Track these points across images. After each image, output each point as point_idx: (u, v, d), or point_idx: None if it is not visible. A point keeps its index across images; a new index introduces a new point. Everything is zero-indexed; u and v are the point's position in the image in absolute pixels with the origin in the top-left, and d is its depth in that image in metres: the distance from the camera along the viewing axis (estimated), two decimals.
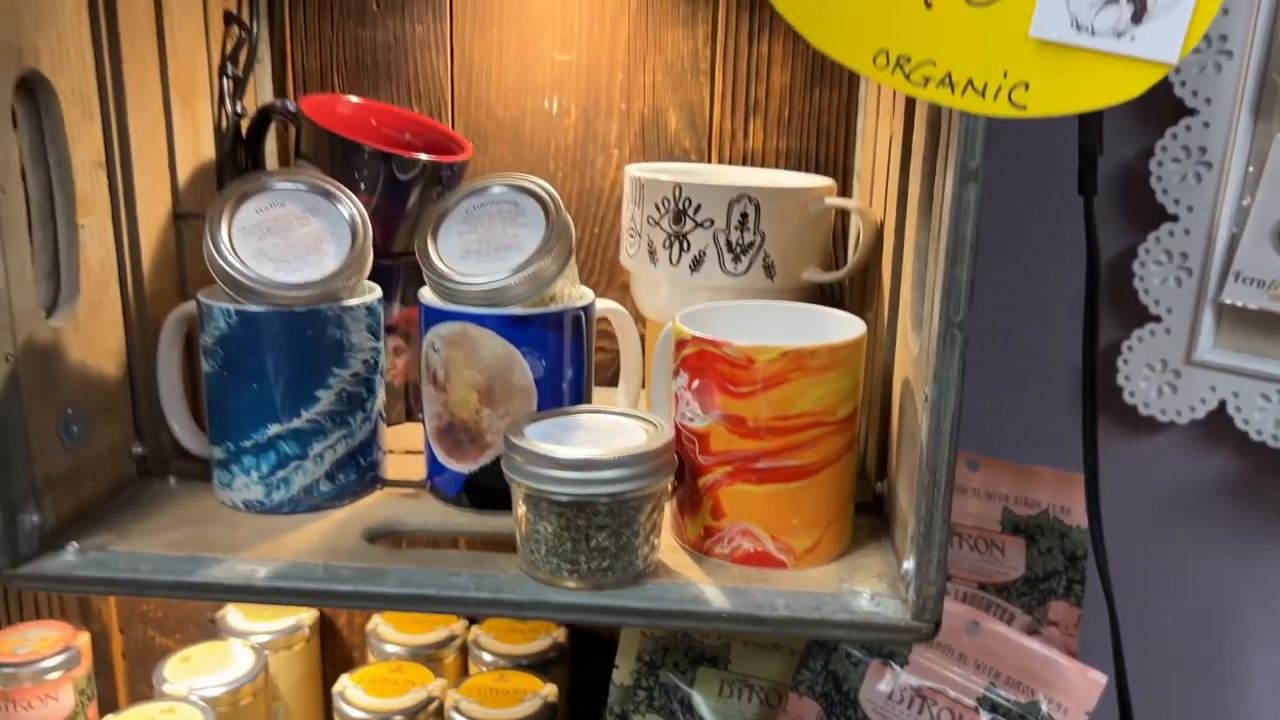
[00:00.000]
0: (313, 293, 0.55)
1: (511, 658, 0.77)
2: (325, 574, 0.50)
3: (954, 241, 0.41)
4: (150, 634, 0.89)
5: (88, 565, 0.51)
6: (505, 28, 0.74)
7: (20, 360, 0.49)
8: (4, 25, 0.47)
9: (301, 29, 0.75)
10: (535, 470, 0.48)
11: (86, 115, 0.54)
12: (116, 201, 0.57)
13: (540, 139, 0.76)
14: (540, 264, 0.55)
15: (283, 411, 0.55)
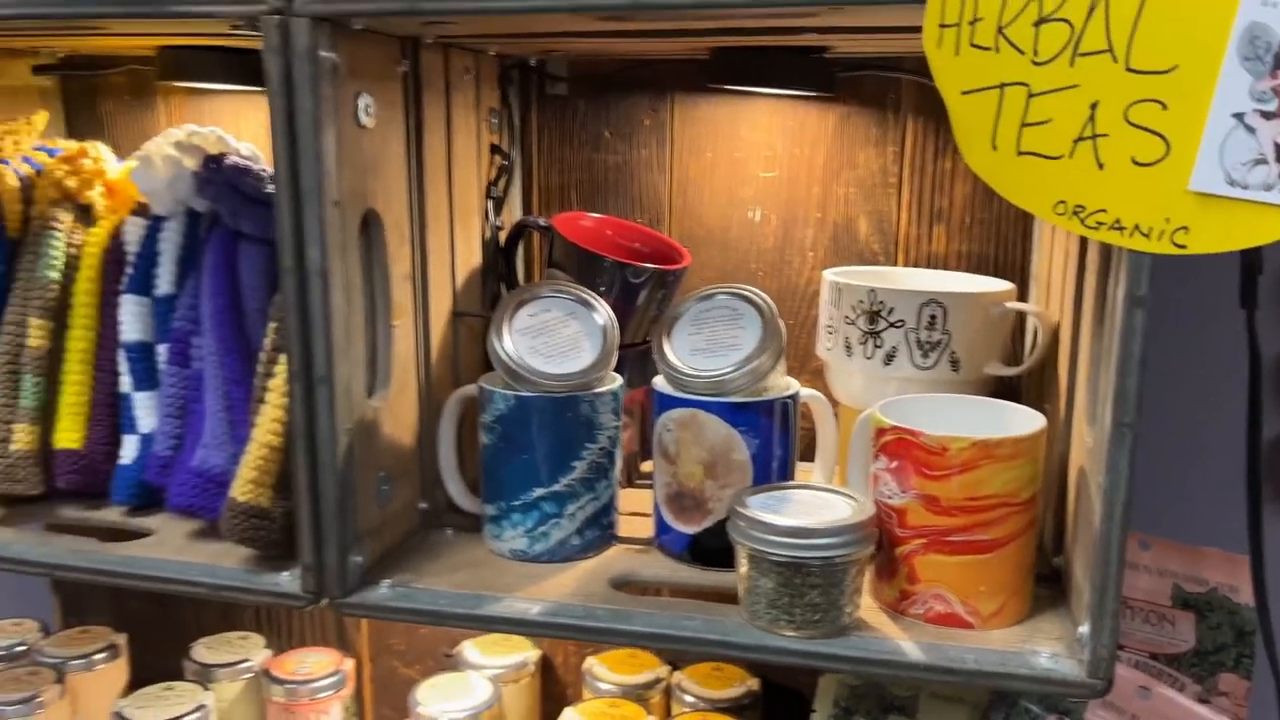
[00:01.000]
0: (573, 382, 0.67)
1: (711, 701, 0.87)
2: (584, 613, 0.61)
3: (1123, 358, 0.50)
4: (394, 664, 1.03)
5: (398, 598, 0.64)
6: (718, 151, 0.86)
7: (354, 434, 0.63)
8: (356, 178, 0.62)
9: (546, 154, 0.89)
10: (758, 535, 0.58)
11: (401, 239, 0.69)
12: (418, 305, 0.71)
13: (744, 244, 0.87)
14: (758, 361, 0.65)
15: (546, 477, 0.67)
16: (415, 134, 0.70)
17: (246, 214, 0.71)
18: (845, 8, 0.53)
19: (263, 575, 0.66)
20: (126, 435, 0.76)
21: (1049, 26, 0.48)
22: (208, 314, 0.72)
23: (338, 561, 0.63)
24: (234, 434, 0.71)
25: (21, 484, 0.74)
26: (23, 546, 0.70)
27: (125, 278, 0.76)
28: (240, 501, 0.65)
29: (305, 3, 0.56)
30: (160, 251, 0.76)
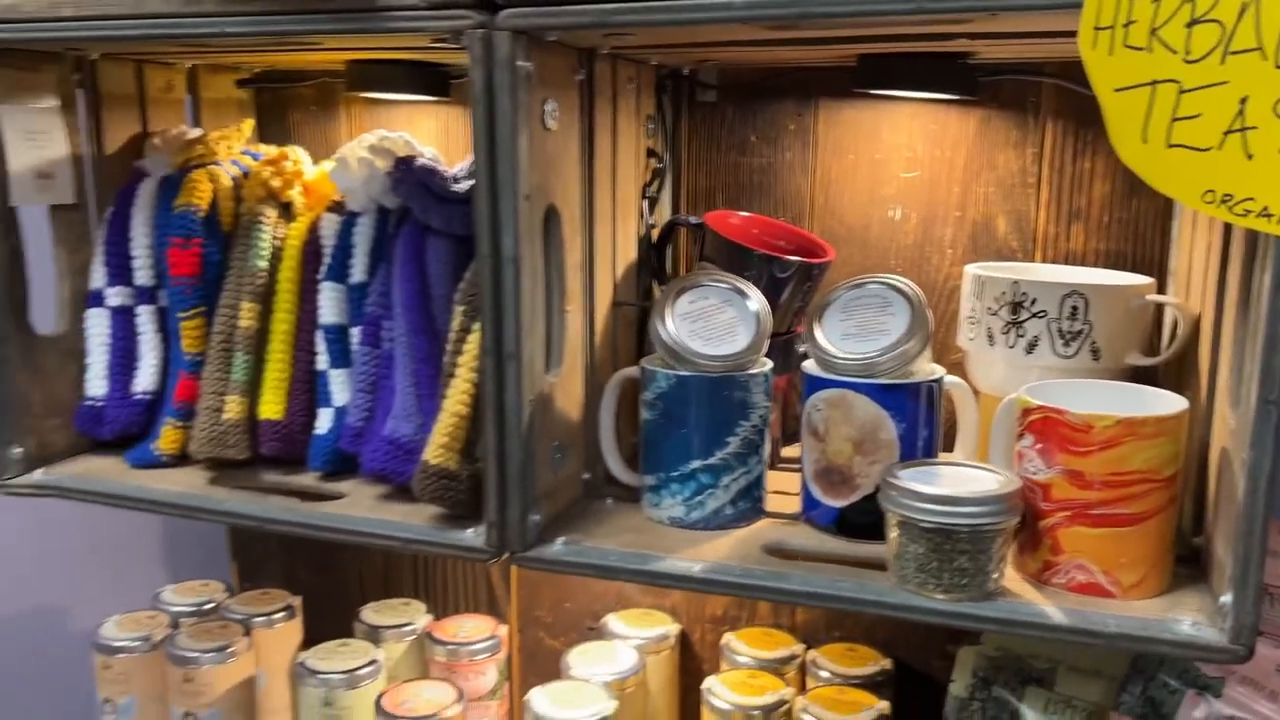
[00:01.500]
0: (729, 364, 0.73)
1: (845, 677, 0.91)
2: (743, 572, 0.67)
3: (1270, 337, 0.53)
4: (540, 635, 1.10)
5: (572, 554, 0.70)
6: (860, 153, 0.91)
7: (534, 405, 0.70)
8: (541, 175, 0.69)
9: (695, 158, 0.95)
10: (909, 503, 0.62)
11: (574, 232, 0.76)
12: (586, 293, 0.78)
13: (884, 241, 0.91)
14: (907, 346, 0.70)
15: (702, 451, 0.73)
16: (588, 137, 0.76)
17: (435, 210, 0.79)
18: (1000, 14, 0.57)
19: (449, 532, 0.73)
20: (322, 408, 0.85)
21: (1201, 27, 0.52)
22: (398, 300, 0.80)
23: (519, 519, 0.70)
24: (421, 406, 0.79)
25: (232, 449, 0.83)
26: (236, 503, 0.79)
27: (323, 267, 0.85)
28: (432, 464, 0.73)
29: (507, 18, 0.63)
30: (354, 244, 0.84)
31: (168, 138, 0.92)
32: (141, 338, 0.88)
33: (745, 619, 1.02)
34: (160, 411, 0.87)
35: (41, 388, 0.86)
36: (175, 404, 0.86)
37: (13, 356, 0.83)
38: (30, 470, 0.85)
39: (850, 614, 0.98)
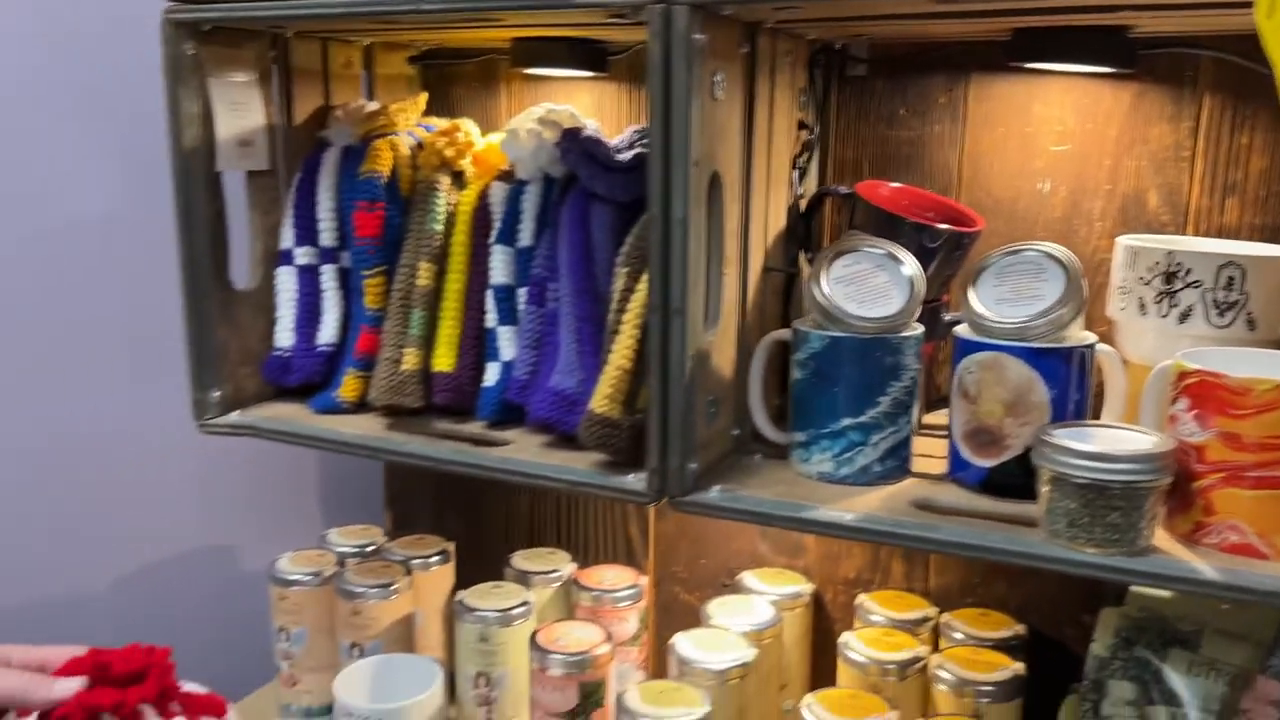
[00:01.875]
0: (882, 325, 0.76)
1: (979, 640, 0.93)
2: (894, 523, 0.70)
3: None
4: (676, 590, 1.15)
5: (727, 500, 0.75)
6: (1010, 126, 0.92)
7: (695, 360, 0.75)
8: (708, 144, 0.73)
9: (844, 131, 0.98)
10: (1064, 459, 0.65)
11: (733, 199, 0.80)
12: (741, 257, 0.82)
13: (1032, 214, 0.93)
14: (1061, 312, 0.72)
15: (853, 409, 0.76)
16: (748, 108, 0.80)
17: (600, 178, 0.84)
18: None
19: (611, 476, 0.78)
20: (490, 362, 0.91)
21: None
22: (563, 262, 0.86)
23: (679, 466, 0.74)
24: (582, 362, 0.84)
25: (408, 398, 0.90)
26: (415, 445, 0.86)
27: (493, 231, 0.91)
28: (598, 413, 0.78)
29: None
30: (522, 210, 0.90)
31: (349, 110, 1.00)
32: (325, 294, 0.96)
33: (878, 583, 1.05)
34: (341, 362, 0.95)
35: (237, 339, 0.95)
36: (356, 355, 0.93)
37: (214, 310, 0.92)
38: (227, 412, 0.94)
39: (983, 581, 1.00)
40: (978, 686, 0.86)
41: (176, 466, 1.22)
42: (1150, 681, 0.74)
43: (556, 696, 0.91)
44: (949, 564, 1.02)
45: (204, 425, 0.93)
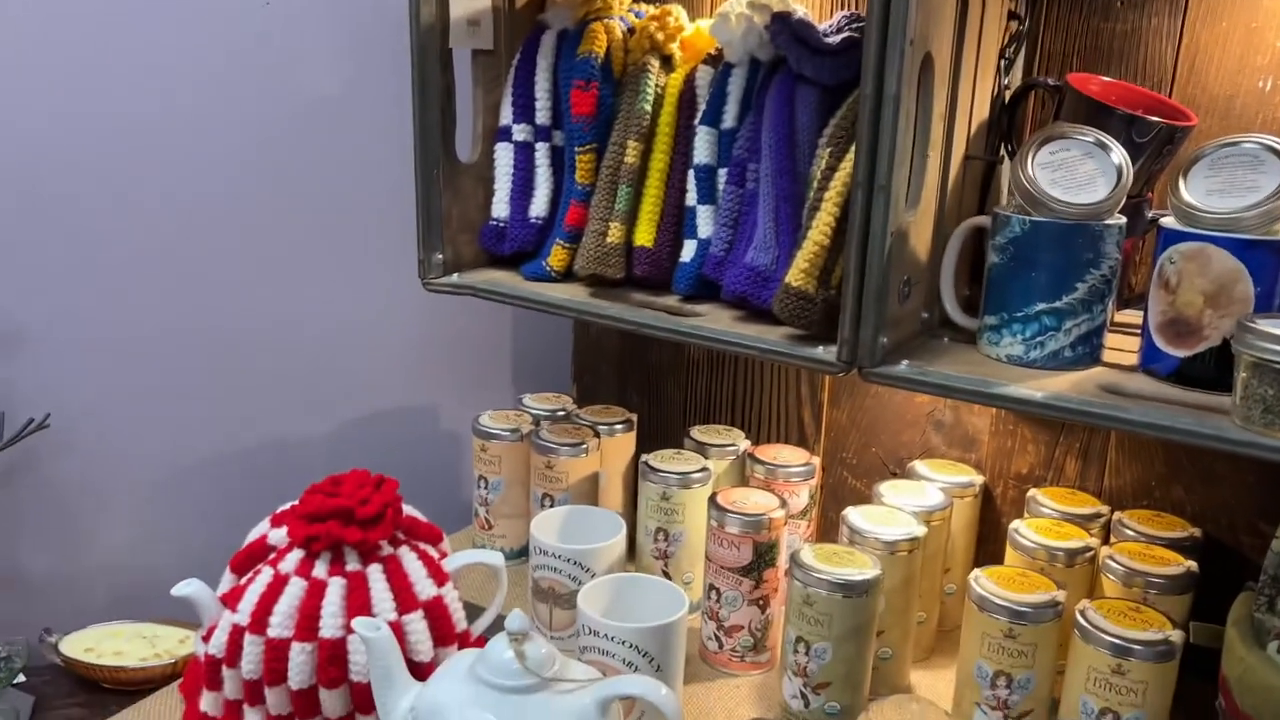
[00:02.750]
0: (1085, 211, 0.77)
1: (1152, 538, 0.95)
2: (1082, 402, 0.72)
3: None
4: (844, 474, 1.20)
5: (916, 374, 0.78)
6: (1234, 20, 0.89)
7: (894, 238, 0.78)
8: (924, 23, 0.75)
9: (1054, 20, 0.97)
10: (1264, 345, 0.65)
11: (942, 83, 0.81)
12: (945, 141, 0.84)
13: (1250, 112, 0.90)
14: (1275, 203, 0.71)
15: (1049, 294, 0.78)
16: (961, 10, 0.81)
17: (809, 61, 0.87)
18: None
19: (802, 347, 0.83)
20: (687, 240, 0.96)
21: None
22: (767, 142, 0.90)
23: (871, 339, 0.78)
24: (779, 240, 0.89)
25: (611, 268, 0.97)
26: (616, 310, 0.93)
27: (699, 113, 0.95)
28: (794, 286, 0.82)
29: None
30: (728, 93, 0.94)
31: None
32: (539, 170, 1.03)
33: (1051, 480, 1.07)
34: (551, 234, 1.02)
35: (458, 207, 1.04)
36: (565, 228, 1.00)
37: (441, 179, 1.00)
38: (448, 274, 1.03)
39: (1159, 484, 1.01)
40: (1148, 577, 0.88)
41: (397, 331, 1.34)
42: None
43: (732, 553, 0.98)
44: (1125, 465, 1.02)
45: (428, 284, 1.03)
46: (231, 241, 1.22)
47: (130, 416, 1.22)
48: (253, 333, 1.26)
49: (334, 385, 1.33)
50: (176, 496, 1.27)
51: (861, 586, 0.87)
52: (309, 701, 0.83)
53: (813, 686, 0.90)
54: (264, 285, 1.26)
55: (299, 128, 1.23)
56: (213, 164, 1.20)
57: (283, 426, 1.31)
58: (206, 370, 1.25)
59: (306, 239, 1.27)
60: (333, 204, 1.27)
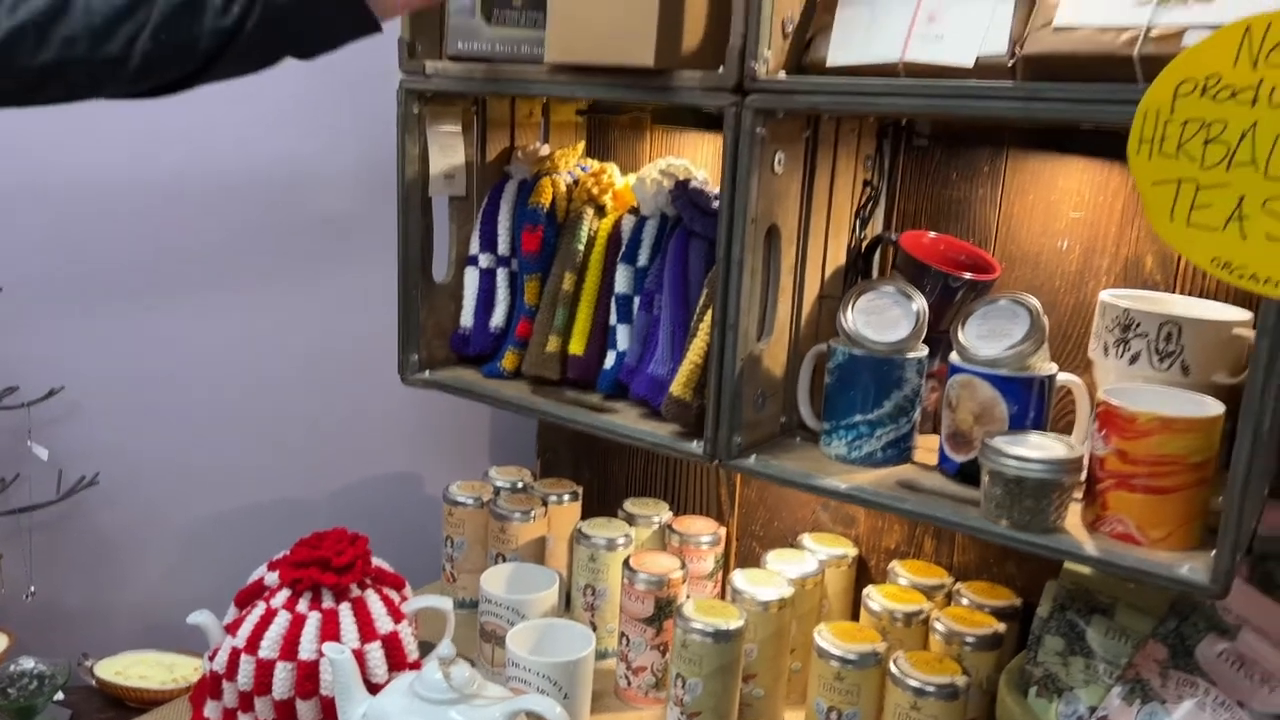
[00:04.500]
0: (890, 347, 1.01)
1: (978, 604, 1.16)
2: (873, 493, 0.95)
3: (1269, 355, 0.74)
4: (753, 544, 1.42)
5: (760, 466, 1.02)
6: (1039, 194, 1.13)
7: (745, 362, 1.02)
8: (767, 205, 1.00)
9: (907, 186, 1.22)
10: (995, 457, 0.88)
11: (790, 243, 1.06)
12: (796, 287, 1.08)
13: (1051, 265, 1.14)
14: (1022, 348, 0.95)
15: (864, 408, 1.02)
16: (809, 175, 1.06)
17: (699, 221, 1.12)
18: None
19: (682, 442, 1.07)
20: (609, 350, 1.21)
21: (1213, 146, 0.74)
22: (668, 280, 1.15)
23: (727, 438, 1.02)
24: (674, 355, 1.13)
25: (549, 371, 1.22)
26: (548, 406, 1.17)
27: (621, 252, 1.21)
28: (676, 396, 1.07)
29: (752, 100, 0.95)
30: (643, 239, 1.19)
31: (526, 152, 1.32)
32: (499, 290, 1.29)
33: (913, 554, 1.29)
34: (506, 341, 1.27)
35: (433, 318, 1.29)
36: (516, 337, 1.25)
37: (419, 296, 1.26)
38: (422, 371, 1.28)
39: (997, 561, 1.22)
40: (963, 636, 1.10)
41: (394, 412, 1.60)
42: (1075, 639, 0.96)
43: (638, 606, 1.21)
44: (970, 544, 1.24)
45: (406, 380, 1.28)
46: (263, 344, 1.49)
47: (165, 477, 1.48)
48: (270, 415, 1.52)
49: (336, 456, 1.59)
50: (198, 544, 1.52)
51: (727, 634, 1.10)
52: (289, 709, 1.06)
53: (688, 715, 1.12)
54: (282, 378, 1.52)
55: (312, 246, 1.50)
56: (239, 272, 1.47)
57: (289, 489, 1.56)
58: (229, 441, 1.51)
59: (320, 342, 1.53)
60: (344, 312, 1.54)
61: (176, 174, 1.41)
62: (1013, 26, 0.87)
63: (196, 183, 1.42)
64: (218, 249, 1.46)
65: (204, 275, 1.46)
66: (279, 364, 1.52)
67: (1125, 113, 0.77)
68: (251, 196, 1.46)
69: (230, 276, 1.47)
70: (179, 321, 1.45)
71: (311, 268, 1.52)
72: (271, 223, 1.48)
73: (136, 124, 1.35)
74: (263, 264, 1.48)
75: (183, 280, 1.45)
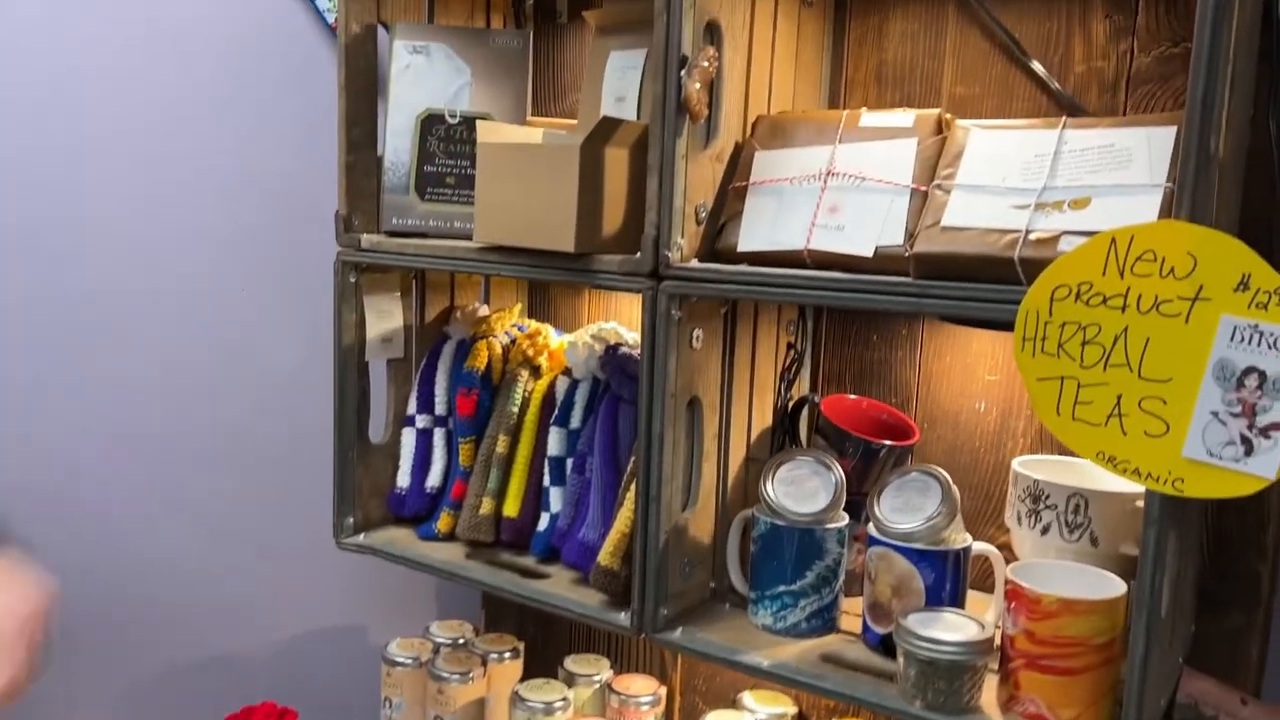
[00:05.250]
0: (811, 519, 1.02)
1: None
2: (795, 669, 0.96)
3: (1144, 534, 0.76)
4: (696, 700, 1.41)
5: (685, 640, 1.02)
6: (955, 357, 1.17)
7: (670, 533, 1.03)
8: (686, 378, 1.03)
9: (830, 348, 1.25)
10: (908, 639, 0.89)
11: (713, 412, 1.08)
12: (720, 453, 1.11)
13: (970, 425, 1.17)
14: (935, 521, 0.97)
15: (788, 578, 1.03)
16: (728, 347, 1.10)
17: (627, 386, 1.15)
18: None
19: (611, 612, 1.07)
20: (543, 512, 1.22)
21: (1090, 346, 0.77)
22: (598, 445, 1.17)
23: (653, 611, 1.03)
24: (604, 520, 1.14)
25: (483, 535, 1.22)
26: (480, 573, 1.18)
27: (554, 415, 1.23)
28: (603, 565, 1.07)
29: (666, 286, 0.98)
30: (575, 401, 1.22)
31: (465, 313, 1.35)
32: (435, 449, 1.30)
33: (852, 711, 1.28)
34: (441, 502, 1.28)
35: (369, 478, 1.30)
36: (451, 499, 1.26)
37: (355, 457, 1.28)
38: (357, 534, 1.29)
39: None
40: None
41: (329, 564, 1.59)
42: None
43: None
44: None
45: (340, 543, 1.28)
46: (198, 505, 1.49)
47: (91, 637, 1.46)
48: (203, 566, 1.51)
49: (274, 610, 1.57)
50: (147, 707, 1.49)
51: None
52: None
53: None
54: (220, 530, 1.52)
55: (251, 415, 1.52)
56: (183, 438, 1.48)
57: (223, 645, 1.54)
58: (162, 588, 1.49)
59: (256, 495, 1.53)
60: (283, 469, 1.54)
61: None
62: (907, 220, 0.92)
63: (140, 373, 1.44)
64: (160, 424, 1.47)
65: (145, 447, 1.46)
66: (215, 520, 1.51)
67: (1008, 311, 0.81)
68: (194, 372, 1.48)
69: (175, 444, 1.48)
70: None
71: (250, 423, 1.53)
72: (210, 392, 1.49)
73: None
74: (201, 421, 1.50)
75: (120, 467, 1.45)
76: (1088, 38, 1.07)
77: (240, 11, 1.41)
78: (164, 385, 1.45)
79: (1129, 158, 0.82)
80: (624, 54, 1.17)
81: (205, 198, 1.42)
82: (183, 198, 1.40)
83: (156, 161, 1.38)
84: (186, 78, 1.38)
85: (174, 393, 1.46)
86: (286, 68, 1.46)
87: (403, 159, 1.21)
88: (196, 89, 1.39)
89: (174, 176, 1.39)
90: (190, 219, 1.41)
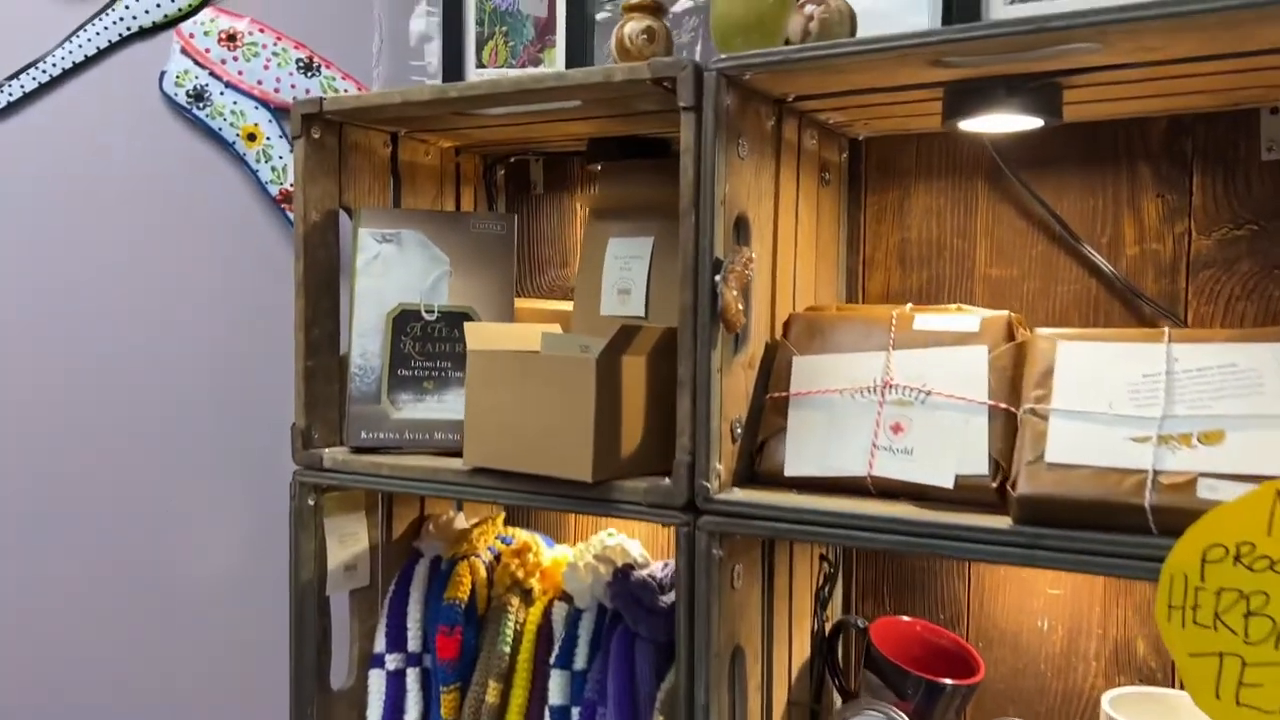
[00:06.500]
0: None
1: None
2: None
3: None
4: None
5: None
6: (1010, 568, 1.04)
7: None
8: (729, 629, 0.87)
9: (864, 559, 1.11)
10: None
11: (755, 661, 0.92)
12: (764, 704, 0.94)
13: (1033, 647, 1.03)
14: None
15: None
16: (767, 579, 0.94)
17: (644, 621, 0.98)
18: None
19: None
20: None
21: (1256, 619, 0.64)
22: (610, 692, 0.99)
23: None
24: None
25: None
26: None
27: (554, 654, 1.05)
28: None
29: (705, 522, 0.83)
30: (579, 635, 1.04)
31: (439, 524, 1.17)
32: (409, 695, 1.11)
33: None
34: None
35: None
36: None
37: (314, 712, 1.07)
38: None
39: None
40: None
41: None
42: None
43: None
44: None
45: None
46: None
47: None
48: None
49: None
50: None
51: None
52: None
53: None
54: None
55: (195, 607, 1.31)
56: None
57: None
58: None
59: None
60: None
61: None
62: (990, 444, 0.79)
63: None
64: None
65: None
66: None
67: (1142, 569, 0.68)
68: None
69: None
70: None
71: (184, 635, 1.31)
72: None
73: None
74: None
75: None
76: (1138, 217, 0.98)
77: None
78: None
79: (1259, 380, 0.71)
80: (625, 241, 1.04)
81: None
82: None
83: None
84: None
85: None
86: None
87: (372, 362, 1.05)
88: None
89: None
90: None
